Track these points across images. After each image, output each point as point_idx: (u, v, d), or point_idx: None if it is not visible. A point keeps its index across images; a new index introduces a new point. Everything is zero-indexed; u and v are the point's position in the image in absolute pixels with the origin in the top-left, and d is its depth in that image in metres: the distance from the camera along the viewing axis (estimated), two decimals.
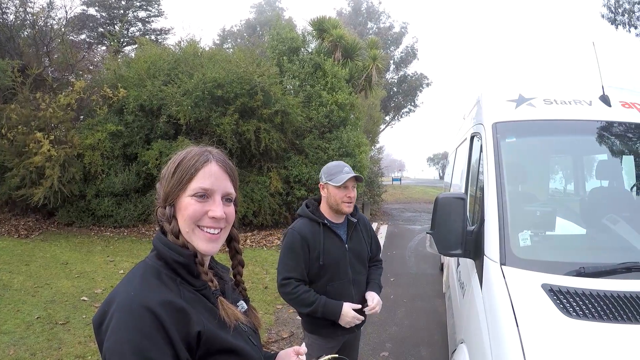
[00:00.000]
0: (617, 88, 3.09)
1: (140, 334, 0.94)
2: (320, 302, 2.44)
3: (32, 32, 12.28)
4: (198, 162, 1.16)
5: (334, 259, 2.52)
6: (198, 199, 1.14)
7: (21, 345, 4.56)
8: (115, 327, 0.95)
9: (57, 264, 7.94)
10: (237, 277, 1.38)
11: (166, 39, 22.14)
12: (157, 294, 1.01)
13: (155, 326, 0.95)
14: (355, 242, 2.68)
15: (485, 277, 2.12)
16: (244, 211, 11.09)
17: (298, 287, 2.44)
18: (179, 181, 1.15)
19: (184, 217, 1.14)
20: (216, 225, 1.17)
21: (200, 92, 10.48)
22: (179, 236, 1.14)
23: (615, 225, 2.43)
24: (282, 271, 2.50)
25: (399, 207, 22.74)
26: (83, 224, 11.49)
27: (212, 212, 1.15)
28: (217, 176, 1.18)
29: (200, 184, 1.14)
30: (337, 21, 15.17)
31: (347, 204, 2.52)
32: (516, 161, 2.74)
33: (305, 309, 2.46)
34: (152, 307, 0.97)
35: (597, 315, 1.70)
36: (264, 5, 36.03)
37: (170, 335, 0.97)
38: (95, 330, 1.02)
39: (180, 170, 1.16)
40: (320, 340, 2.60)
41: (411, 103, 36.12)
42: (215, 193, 1.17)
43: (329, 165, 2.60)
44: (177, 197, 1.16)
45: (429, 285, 7.30)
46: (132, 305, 0.97)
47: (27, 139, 10.07)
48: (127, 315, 0.96)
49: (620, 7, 17.42)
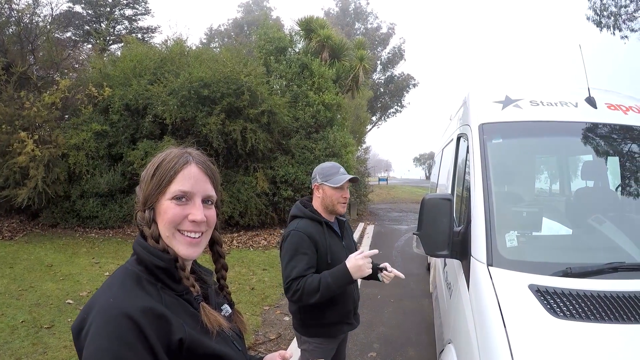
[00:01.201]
0: (603, 90, 3.12)
1: (120, 342, 0.91)
2: (325, 275, 2.29)
3: (17, 29, 12.08)
4: (177, 164, 1.14)
5: (338, 258, 2.50)
6: (177, 202, 1.12)
7: (6, 350, 4.48)
8: (94, 335, 0.93)
9: (42, 266, 7.83)
10: (220, 281, 1.35)
11: (153, 37, 22.03)
12: (137, 301, 0.98)
13: (136, 334, 0.93)
14: (347, 240, 2.72)
15: (472, 278, 2.12)
16: (230, 212, 11.05)
17: (300, 282, 2.31)
18: (158, 184, 1.13)
19: (163, 221, 1.12)
20: (197, 229, 1.14)
21: (187, 91, 10.42)
22: (159, 240, 1.12)
23: (601, 226, 2.45)
24: (290, 274, 2.35)
25: (386, 207, 22.83)
26: (68, 225, 11.37)
27: (192, 216, 1.12)
28: (197, 178, 1.15)
29: (180, 187, 1.12)
30: (325, 21, 15.20)
31: (343, 204, 2.54)
32: (503, 162, 2.75)
33: (317, 294, 2.27)
34: (132, 314, 0.94)
35: (584, 316, 1.70)
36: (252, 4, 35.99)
37: (151, 342, 0.94)
38: (75, 338, 0.99)
39: (159, 173, 1.13)
40: (324, 343, 2.57)
41: (398, 103, 36.29)
42: (195, 196, 1.14)
43: (324, 166, 2.59)
44: (157, 200, 1.13)
45: (416, 285, 7.32)
46: (112, 312, 0.95)
47: (11, 139, 9.94)
48: (106, 323, 0.93)
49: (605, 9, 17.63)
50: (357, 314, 2.71)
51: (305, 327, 2.58)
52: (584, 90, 2.94)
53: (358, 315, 2.74)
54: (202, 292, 1.18)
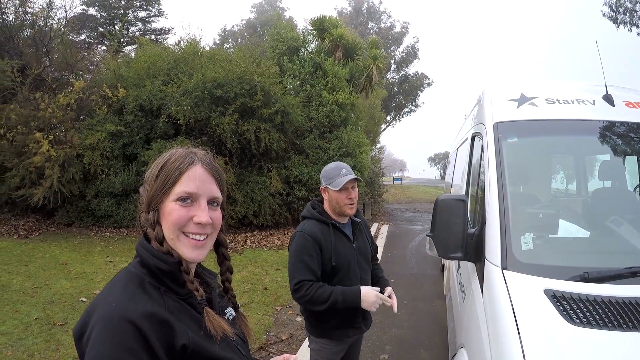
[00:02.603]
0: (621, 87, 3.03)
1: (121, 348, 0.89)
2: (337, 292, 2.33)
3: (32, 32, 12.29)
4: (182, 164, 1.11)
5: (345, 260, 2.48)
6: (182, 204, 1.09)
7: (19, 346, 4.54)
8: (95, 340, 0.90)
9: (57, 264, 7.92)
10: (225, 284, 1.33)
11: (166, 38, 22.25)
12: (140, 305, 0.96)
13: (138, 340, 0.91)
14: (360, 241, 2.67)
15: (486, 282, 2.06)
16: (244, 211, 11.09)
17: (311, 287, 2.33)
18: (162, 185, 1.10)
19: (168, 223, 1.09)
20: (202, 232, 1.12)
21: (200, 92, 10.46)
22: (163, 243, 1.09)
23: (619, 228, 2.37)
24: (295, 275, 2.38)
25: (400, 207, 22.71)
26: (83, 224, 11.50)
27: (197, 218, 1.10)
28: (202, 179, 1.13)
29: (184, 188, 1.09)
30: (338, 21, 15.15)
31: (350, 205, 2.49)
32: (518, 162, 2.69)
33: (324, 306, 2.32)
34: (134, 320, 0.92)
35: (601, 323, 1.64)
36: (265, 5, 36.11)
37: (154, 349, 0.92)
38: (76, 342, 0.97)
39: (163, 173, 1.11)
40: (330, 344, 2.55)
41: (412, 103, 36.12)
42: (200, 197, 1.12)
43: (327, 168, 2.55)
44: (161, 201, 1.10)
45: (430, 286, 7.25)
46: (113, 317, 0.92)
47: (27, 139, 10.09)
48: (107, 329, 0.91)
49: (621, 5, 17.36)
50: (367, 319, 2.67)
51: (312, 327, 2.58)
52: (601, 87, 2.86)
53: (369, 320, 2.69)
54: (206, 296, 1.16)
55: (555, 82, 3.29)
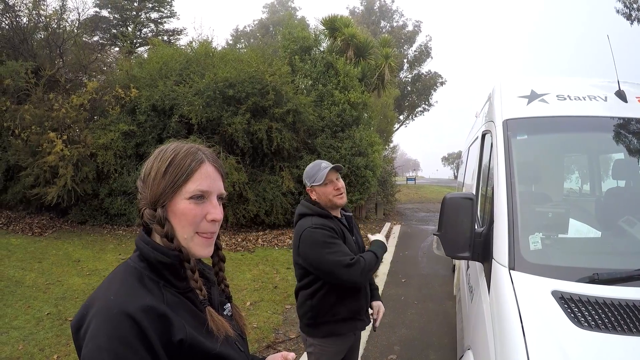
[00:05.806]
0: (634, 83, 2.95)
1: (119, 341, 0.89)
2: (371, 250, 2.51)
3: (46, 34, 12.43)
4: (193, 162, 1.12)
5: (353, 251, 2.47)
6: (197, 202, 1.10)
7: (30, 340, 4.63)
8: (93, 334, 0.91)
9: (70, 261, 8.02)
10: (219, 273, 1.33)
11: (178, 39, 22.40)
12: (138, 299, 0.96)
13: (136, 333, 0.91)
14: (355, 233, 2.70)
15: (493, 283, 2.02)
16: (256, 210, 11.13)
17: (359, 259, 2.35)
18: (173, 182, 1.09)
19: (182, 222, 1.09)
20: (214, 229, 1.14)
21: (212, 91, 10.51)
22: (173, 239, 1.09)
23: (632, 228, 2.30)
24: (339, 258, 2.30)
25: (413, 207, 22.60)
26: (96, 223, 11.63)
27: (211, 215, 1.11)
28: (213, 177, 1.14)
29: (198, 187, 1.10)
30: (349, 20, 15.10)
31: (339, 195, 2.50)
32: (528, 160, 2.63)
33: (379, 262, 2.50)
34: (133, 313, 0.92)
35: (610, 327, 1.58)
36: (277, 5, 36.19)
37: (151, 342, 0.93)
38: (74, 335, 0.98)
39: (172, 170, 1.10)
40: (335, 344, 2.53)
41: (425, 102, 35.90)
42: (211, 195, 1.13)
43: (307, 169, 2.57)
44: (170, 199, 1.10)
45: (441, 287, 7.19)
46: (112, 310, 0.93)
47: (41, 139, 10.21)
48: (106, 322, 0.91)
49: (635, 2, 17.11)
50: (367, 312, 2.69)
51: (315, 326, 2.52)
52: (614, 83, 2.78)
53: (369, 314, 2.72)
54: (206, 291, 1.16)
55: (566, 78, 3.21)
